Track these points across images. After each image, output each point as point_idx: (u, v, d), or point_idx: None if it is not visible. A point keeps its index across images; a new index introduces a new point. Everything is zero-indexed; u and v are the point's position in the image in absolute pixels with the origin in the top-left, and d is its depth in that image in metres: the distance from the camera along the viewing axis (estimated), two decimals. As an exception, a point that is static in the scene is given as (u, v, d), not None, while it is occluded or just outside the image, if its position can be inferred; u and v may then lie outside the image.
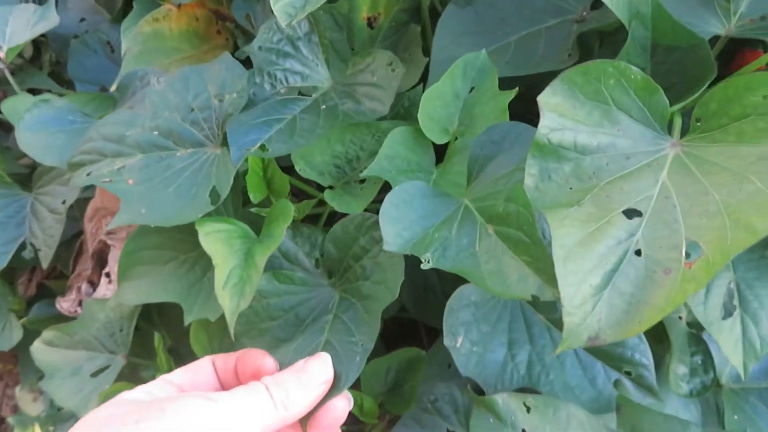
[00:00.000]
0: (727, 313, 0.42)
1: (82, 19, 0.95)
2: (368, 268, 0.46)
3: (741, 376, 0.43)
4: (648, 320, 0.32)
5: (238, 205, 0.56)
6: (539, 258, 0.38)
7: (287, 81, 0.60)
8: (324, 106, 0.57)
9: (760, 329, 0.42)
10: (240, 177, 0.54)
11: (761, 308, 0.42)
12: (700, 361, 0.51)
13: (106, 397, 0.54)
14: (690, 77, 0.42)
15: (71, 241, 0.76)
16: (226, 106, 0.55)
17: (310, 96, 0.59)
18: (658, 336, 0.50)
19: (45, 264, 0.65)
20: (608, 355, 0.47)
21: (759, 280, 0.43)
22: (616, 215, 0.35)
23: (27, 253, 0.69)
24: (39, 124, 0.63)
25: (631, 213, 0.34)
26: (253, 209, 0.53)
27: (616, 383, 0.46)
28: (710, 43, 0.47)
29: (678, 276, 0.32)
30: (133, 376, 0.57)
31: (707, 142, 0.34)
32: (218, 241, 0.48)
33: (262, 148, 0.52)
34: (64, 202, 0.68)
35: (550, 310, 0.48)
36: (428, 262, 0.41)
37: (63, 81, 0.96)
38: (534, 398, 0.42)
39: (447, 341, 0.48)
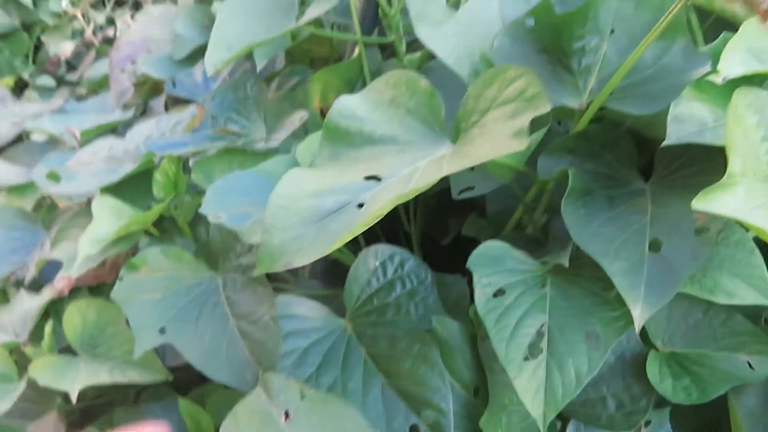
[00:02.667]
0: (532, 354, 0.41)
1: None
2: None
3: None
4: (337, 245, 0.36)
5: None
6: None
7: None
8: (241, 141, 0.64)
9: (564, 375, 0.40)
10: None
11: (568, 353, 0.40)
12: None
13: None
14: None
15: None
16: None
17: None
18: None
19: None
20: (411, 394, 0.45)
21: (569, 324, 0.41)
22: (359, 178, 0.39)
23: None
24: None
25: (372, 178, 0.38)
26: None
27: (412, 429, 0.44)
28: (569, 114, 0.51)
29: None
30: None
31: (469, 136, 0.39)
32: (109, 210, 0.55)
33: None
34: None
35: (372, 344, 0.48)
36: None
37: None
38: (315, 391, 0.42)
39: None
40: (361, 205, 0.37)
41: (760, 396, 0.46)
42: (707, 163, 0.46)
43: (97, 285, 0.61)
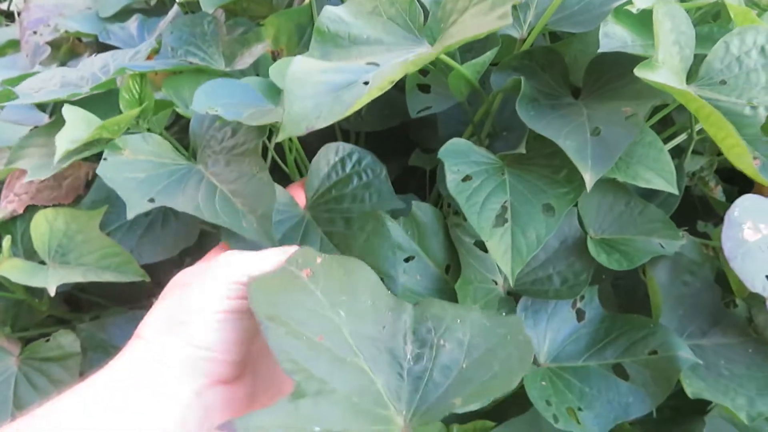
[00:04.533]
0: (499, 223, 0.48)
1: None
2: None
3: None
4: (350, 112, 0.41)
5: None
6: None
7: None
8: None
9: (527, 238, 0.47)
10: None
11: (529, 221, 0.47)
12: (503, 313, 0.54)
13: None
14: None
15: None
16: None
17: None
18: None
19: None
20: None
21: (528, 200, 0.49)
22: (361, 62, 0.44)
23: None
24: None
25: (372, 64, 0.43)
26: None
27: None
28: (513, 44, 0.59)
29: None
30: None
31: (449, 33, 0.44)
32: (81, 117, 0.55)
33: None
34: None
35: (328, 225, 0.53)
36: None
37: None
38: (329, 255, 0.44)
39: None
40: (366, 83, 0.42)
41: (668, 271, 0.56)
42: (623, 79, 0.56)
43: (53, 206, 0.60)
